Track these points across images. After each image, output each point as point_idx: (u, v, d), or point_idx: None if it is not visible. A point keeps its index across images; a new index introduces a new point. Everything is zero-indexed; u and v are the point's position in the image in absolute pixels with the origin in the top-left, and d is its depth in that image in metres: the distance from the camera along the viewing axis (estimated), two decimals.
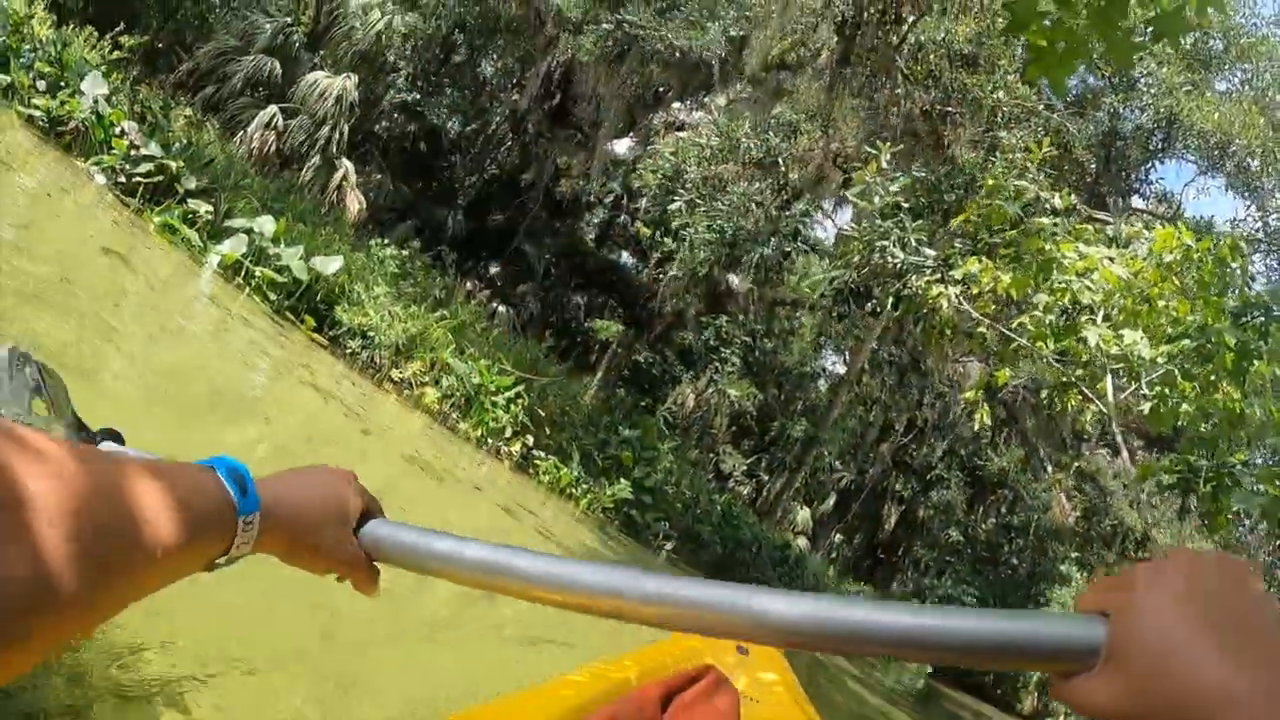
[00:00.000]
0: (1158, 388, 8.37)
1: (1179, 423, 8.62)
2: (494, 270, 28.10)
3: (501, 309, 26.55)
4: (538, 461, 17.60)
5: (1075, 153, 20.28)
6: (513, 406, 17.55)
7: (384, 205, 27.99)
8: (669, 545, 19.17)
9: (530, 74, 26.20)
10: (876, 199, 10.84)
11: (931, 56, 18.67)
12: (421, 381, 17.25)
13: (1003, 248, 9.00)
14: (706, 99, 25.40)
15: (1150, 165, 24.76)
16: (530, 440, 17.61)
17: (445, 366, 17.44)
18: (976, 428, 11.21)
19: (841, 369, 37.73)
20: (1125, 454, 8.67)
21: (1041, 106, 19.07)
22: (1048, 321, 9.16)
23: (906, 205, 11.37)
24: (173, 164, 16.83)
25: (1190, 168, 25.31)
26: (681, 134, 20.77)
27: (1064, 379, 9.23)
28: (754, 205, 19.80)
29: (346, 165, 26.42)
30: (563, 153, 26.61)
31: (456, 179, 29.33)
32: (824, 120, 19.86)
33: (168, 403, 8.14)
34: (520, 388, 17.88)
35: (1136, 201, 24.39)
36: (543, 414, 18.10)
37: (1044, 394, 12.15)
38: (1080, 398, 9.46)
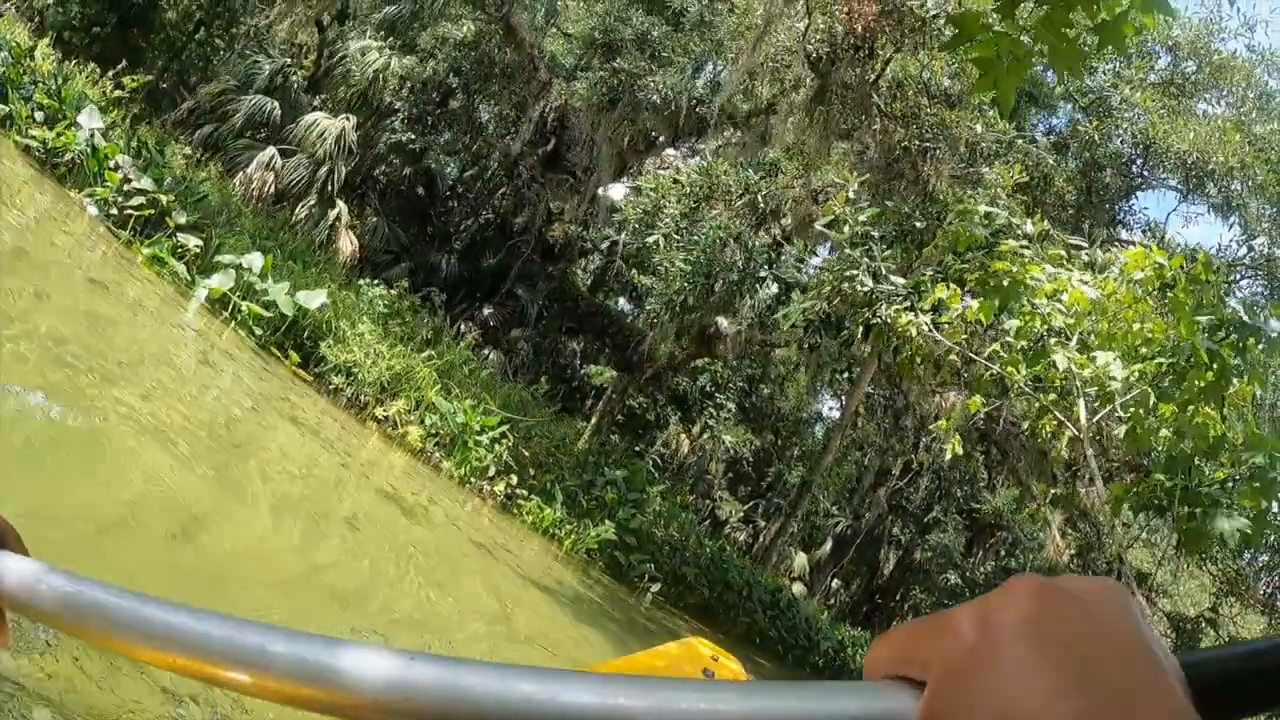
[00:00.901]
0: (1132, 409, 8.11)
1: (1156, 447, 8.36)
2: (487, 313, 27.90)
3: (493, 355, 26.31)
4: (521, 502, 17.31)
5: (1056, 185, 20.09)
6: (497, 446, 17.28)
7: (379, 247, 27.91)
8: (655, 588, 18.76)
9: (525, 120, 26.17)
10: (846, 229, 10.66)
11: (910, 93, 18.58)
12: (405, 420, 17.00)
13: (970, 273, 8.76)
14: (698, 144, 25.33)
15: (1132, 195, 24.61)
16: (514, 480, 17.33)
17: (430, 405, 17.20)
18: (949, 458, 10.86)
19: (838, 414, 37.41)
20: (1099, 481, 8.37)
21: (1021, 140, 18.98)
22: (1018, 347, 8.93)
23: (877, 235, 11.20)
24: (164, 198, 16.87)
25: (1173, 196, 25.10)
26: (662, 171, 20.62)
27: (1037, 405, 8.97)
28: (731, 240, 19.60)
29: (341, 206, 26.38)
30: (555, 197, 26.54)
31: (451, 223, 29.27)
32: (802, 158, 19.74)
33: (139, 427, 7.93)
34: (505, 428, 17.62)
35: (1121, 234, 24.16)
36: (527, 454, 17.85)
37: (1025, 425, 11.91)
38: (1055, 423, 9.20)
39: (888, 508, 39.20)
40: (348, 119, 26.08)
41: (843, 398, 36.71)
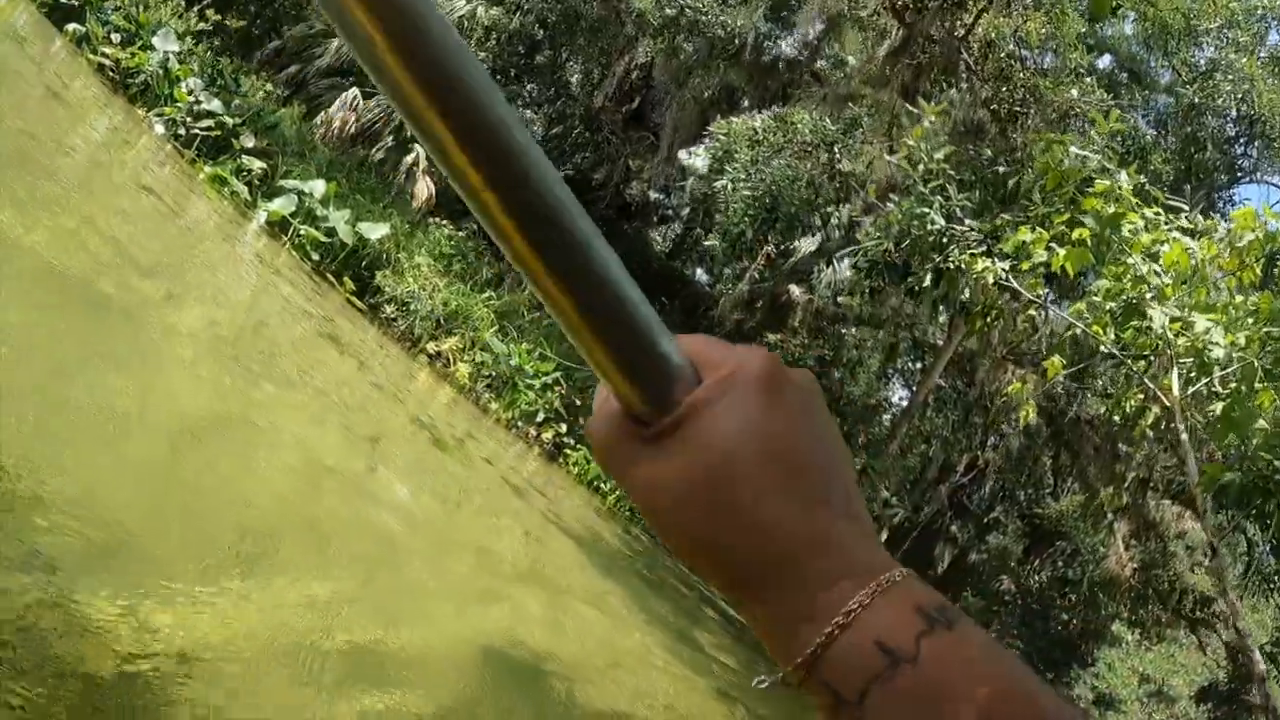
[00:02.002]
0: (1234, 384, 7.04)
1: (1249, 438, 7.28)
2: None
3: None
4: (569, 451, 16.58)
5: (1153, 164, 18.61)
6: (548, 393, 16.57)
7: (455, 195, 27.15)
8: None
9: (609, 75, 25.36)
10: (920, 166, 9.63)
11: (1002, 54, 17.29)
12: (458, 357, 16.35)
13: (1058, 216, 7.68)
14: (782, 108, 24.29)
15: (1234, 185, 22.86)
16: (564, 429, 16.60)
17: (484, 345, 16.54)
18: (1020, 425, 9.82)
19: (907, 404, 36.14)
20: (1191, 460, 7.32)
21: (1118, 108, 17.61)
22: (1105, 309, 7.87)
23: (955, 176, 10.15)
24: (231, 120, 16.50)
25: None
26: (735, 119, 19.65)
27: (1123, 373, 7.92)
28: (801, 182, 18.46)
29: (418, 149, 25.83)
30: (636, 155, 25.70)
31: None
32: (883, 115, 18.55)
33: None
34: (559, 374, 16.89)
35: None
36: (579, 404, 17.07)
37: (1102, 408, 10.78)
38: (1141, 397, 8.14)
39: (948, 504, 37.82)
40: None
41: (913, 387, 35.49)
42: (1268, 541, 7.26)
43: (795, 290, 22.81)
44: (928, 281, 10.53)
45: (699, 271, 34.49)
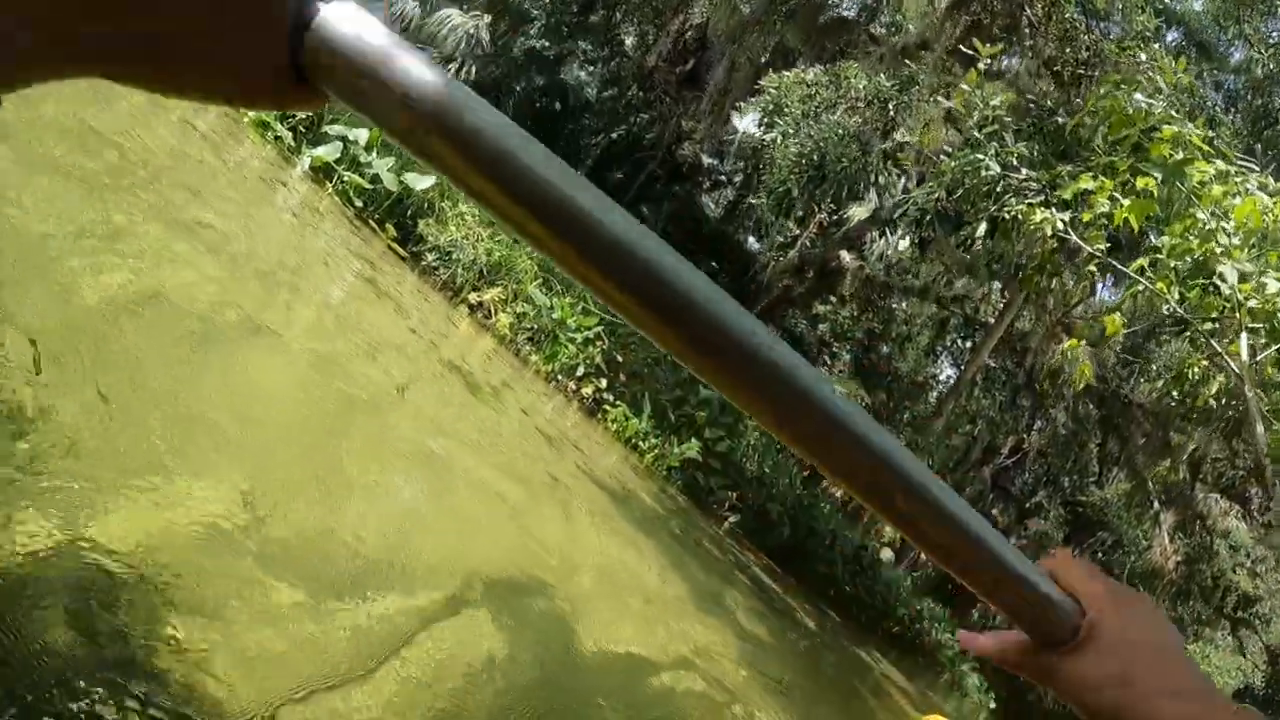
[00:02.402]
0: None
1: None
2: None
3: None
4: (608, 408, 16.31)
5: (1221, 136, 17.85)
6: (590, 347, 16.30)
7: None
8: (733, 518, 17.64)
9: (663, 34, 24.92)
10: (975, 113, 9.15)
11: (1068, 13, 16.59)
12: (499, 308, 16.12)
13: (1122, 163, 7.21)
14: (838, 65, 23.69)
15: None
16: (603, 384, 16.34)
17: (526, 298, 16.29)
18: (1074, 389, 9.36)
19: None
20: (1260, 425, 6.85)
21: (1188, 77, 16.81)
22: (1171, 266, 7.41)
23: (1012, 125, 9.67)
24: None
25: None
26: (787, 73, 19.09)
27: (1190, 334, 7.47)
28: (851, 139, 17.93)
29: None
30: (688, 116, 25.29)
31: (582, 137, 28.28)
32: (941, 73, 17.91)
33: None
34: (602, 329, 16.61)
35: None
36: (620, 359, 16.79)
37: (1156, 390, 10.29)
38: (1205, 364, 7.69)
39: (990, 486, 37.26)
40: (481, 18, 25.20)
41: (961, 366, 34.87)
42: None
43: (846, 256, 22.32)
44: (981, 231, 10.08)
45: (750, 239, 34.07)
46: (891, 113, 17.86)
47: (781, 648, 11.84)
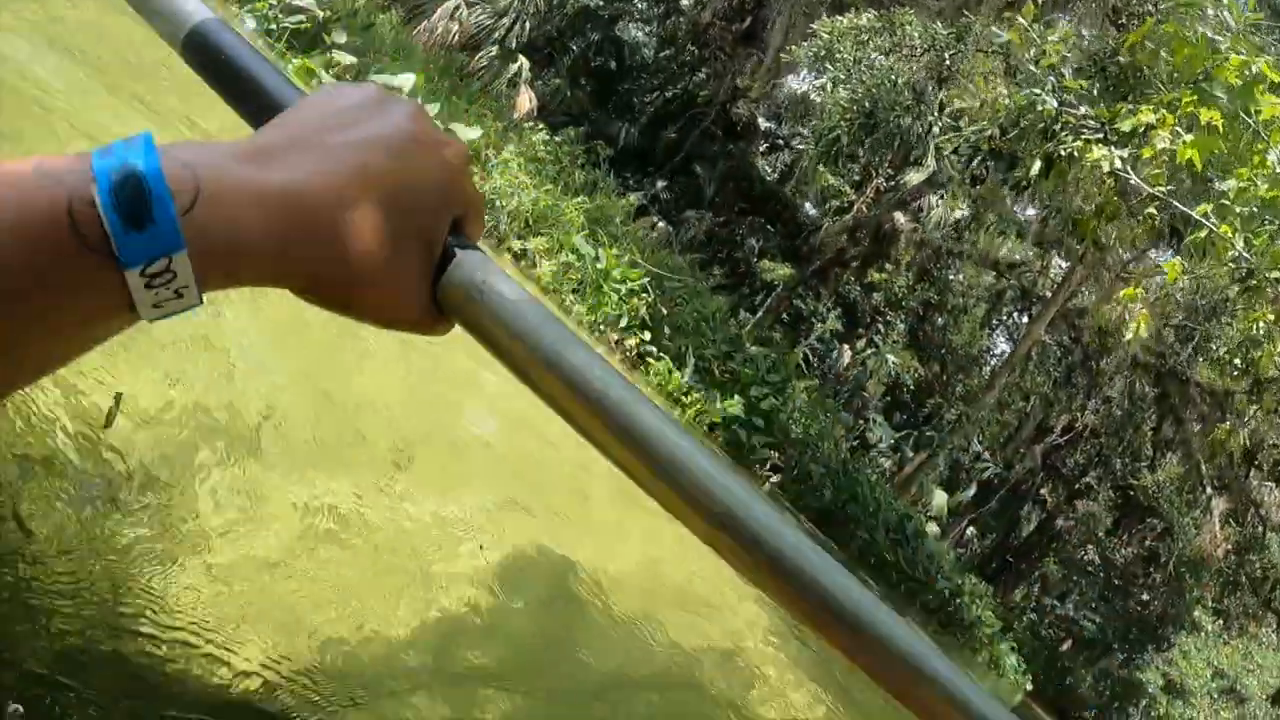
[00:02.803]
0: None
1: None
2: (660, 185, 26.45)
3: (661, 224, 24.92)
4: (651, 361, 15.98)
5: None
6: (634, 299, 15.95)
7: (557, 109, 26.70)
8: (775, 478, 17.26)
9: None
10: (1031, 50, 8.61)
11: None
12: (543, 257, 15.83)
13: (1186, 96, 6.66)
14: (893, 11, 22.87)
15: None
16: (647, 337, 16.00)
17: (572, 248, 15.98)
18: (1129, 337, 8.80)
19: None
20: None
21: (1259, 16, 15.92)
22: (1237, 211, 6.87)
23: (1071, 62, 9.10)
24: (321, 14, 16.29)
25: None
26: (840, 18, 18.42)
27: (1256, 281, 6.94)
28: (905, 87, 17.27)
29: (522, 60, 25.24)
30: (743, 74, 24.74)
31: (636, 94, 27.83)
32: (997, 19, 17.11)
33: None
34: (648, 281, 16.27)
35: None
36: (665, 313, 16.43)
37: (1226, 340, 9.71)
38: (1272, 318, 7.16)
39: (1040, 464, 36.50)
40: None
41: (1016, 340, 34.07)
42: None
43: (900, 219, 21.74)
44: (1035, 170, 9.51)
45: (808, 205, 33.47)
46: (947, 61, 17.17)
47: None
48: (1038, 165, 9.33)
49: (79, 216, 0.41)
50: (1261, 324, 7.66)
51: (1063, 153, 8.25)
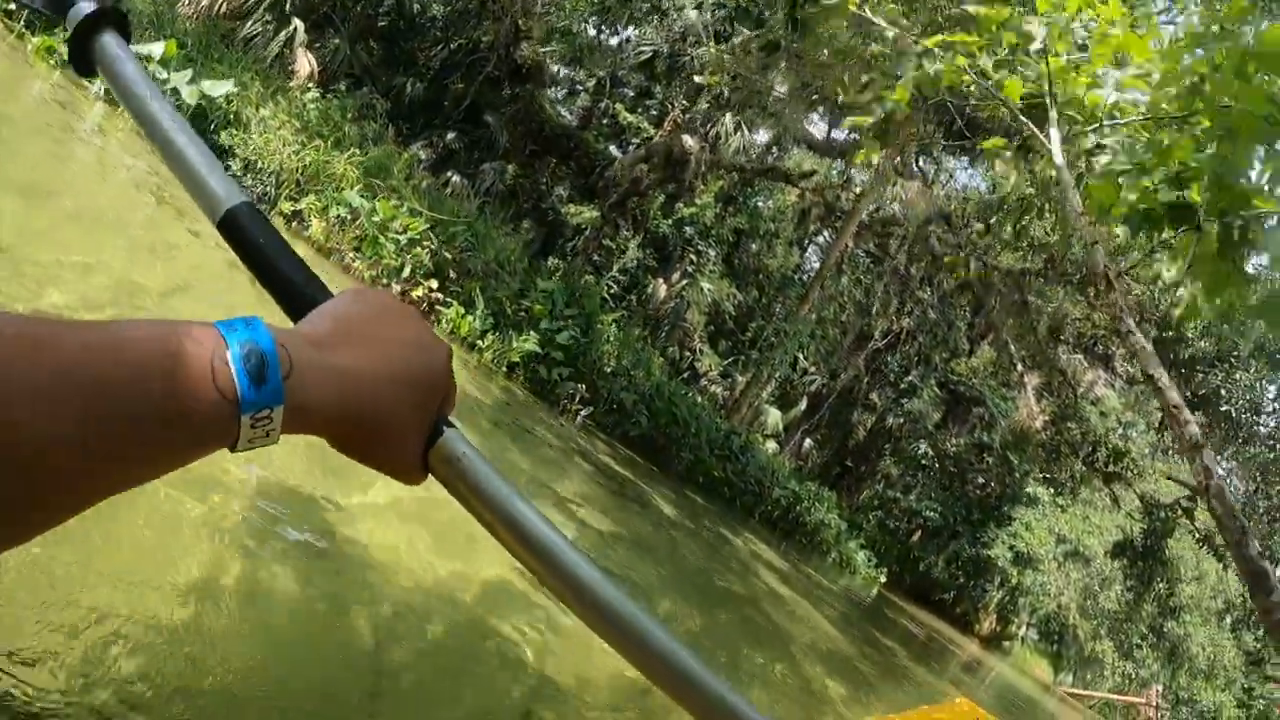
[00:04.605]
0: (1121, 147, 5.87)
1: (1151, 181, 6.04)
2: (450, 137, 25.58)
3: (455, 178, 24.10)
4: (440, 309, 15.37)
5: None
6: (416, 248, 15.27)
7: (339, 70, 25.49)
8: (585, 411, 16.93)
9: None
10: None
11: None
12: (316, 215, 14.98)
13: None
14: None
15: None
16: (434, 285, 15.36)
17: (345, 203, 15.14)
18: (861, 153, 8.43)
19: None
20: (1074, 196, 6.11)
21: None
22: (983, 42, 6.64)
23: None
24: None
25: None
26: None
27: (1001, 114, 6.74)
28: None
29: (297, 23, 23.93)
30: (524, 14, 23.98)
31: (420, 48, 26.78)
32: None
33: None
34: (429, 229, 15.59)
35: None
36: (450, 258, 15.80)
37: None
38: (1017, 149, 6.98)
39: (865, 370, 37.33)
40: None
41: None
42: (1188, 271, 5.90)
43: (689, 140, 21.50)
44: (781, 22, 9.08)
45: (611, 148, 33.06)
46: None
47: (627, 536, 11.20)
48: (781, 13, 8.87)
49: (218, 373, 0.54)
50: (1011, 175, 7.51)
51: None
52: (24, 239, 6.81)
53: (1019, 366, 32.02)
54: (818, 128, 30.86)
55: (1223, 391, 33.55)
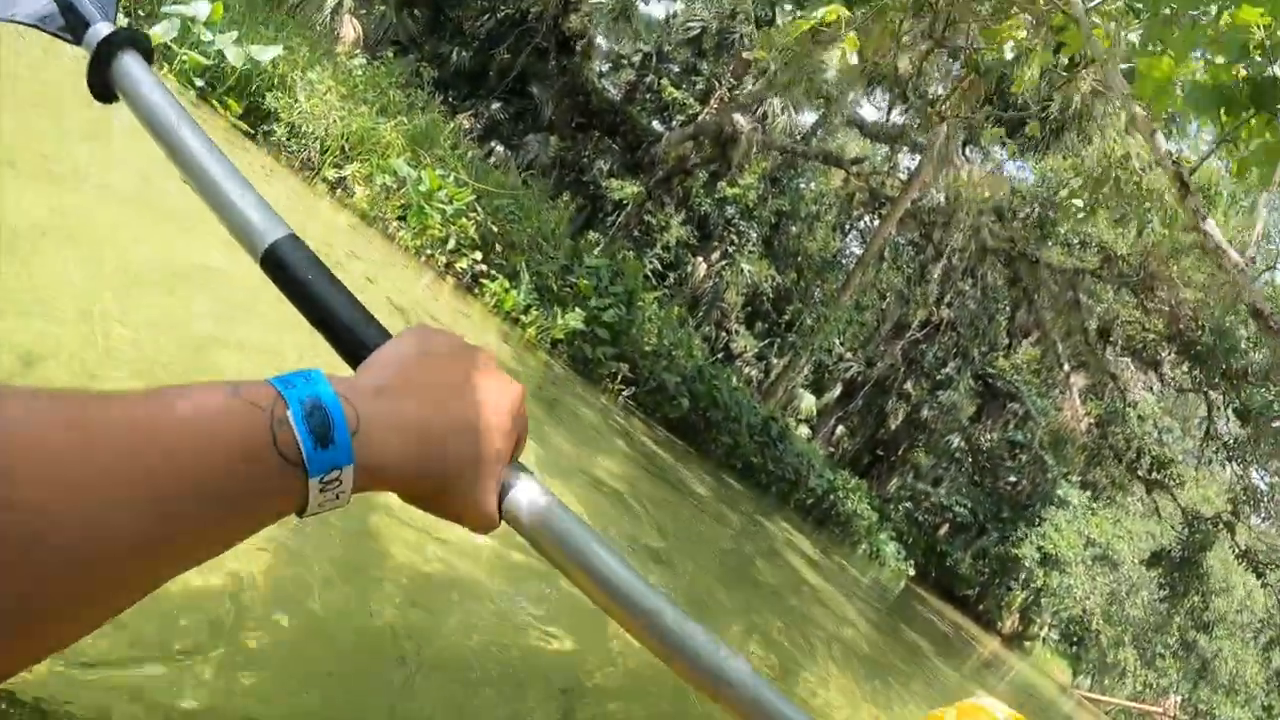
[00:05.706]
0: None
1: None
2: (495, 107, 25.22)
3: (499, 149, 23.75)
4: (485, 281, 15.00)
5: None
6: (462, 219, 14.89)
7: (386, 37, 25.17)
8: (628, 391, 16.54)
9: None
10: None
11: None
12: (360, 183, 14.61)
13: None
14: None
15: None
16: (479, 257, 14.98)
17: (391, 171, 14.76)
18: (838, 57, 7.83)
19: None
20: (1119, 78, 5.56)
21: None
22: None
23: None
24: None
25: None
26: None
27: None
28: None
29: None
30: None
31: (466, 17, 26.38)
32: None
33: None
34: (475, 200, 15.20)
35: None
36: (497, 230, 15.41)
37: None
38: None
39: (902, 359, 36.74)
40: None
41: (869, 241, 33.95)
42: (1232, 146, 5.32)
43: (740, 120, 20.99)
44: None
45: (655, 123, 32.58)
46: None
47: (661, 517, 10.83)
48: None
49: (280, 437, 0.50)
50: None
51: None
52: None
53: (1065, 366, 31.29)
54: (867, 110, 30.24)
55: (1276, 406, 32.75)
